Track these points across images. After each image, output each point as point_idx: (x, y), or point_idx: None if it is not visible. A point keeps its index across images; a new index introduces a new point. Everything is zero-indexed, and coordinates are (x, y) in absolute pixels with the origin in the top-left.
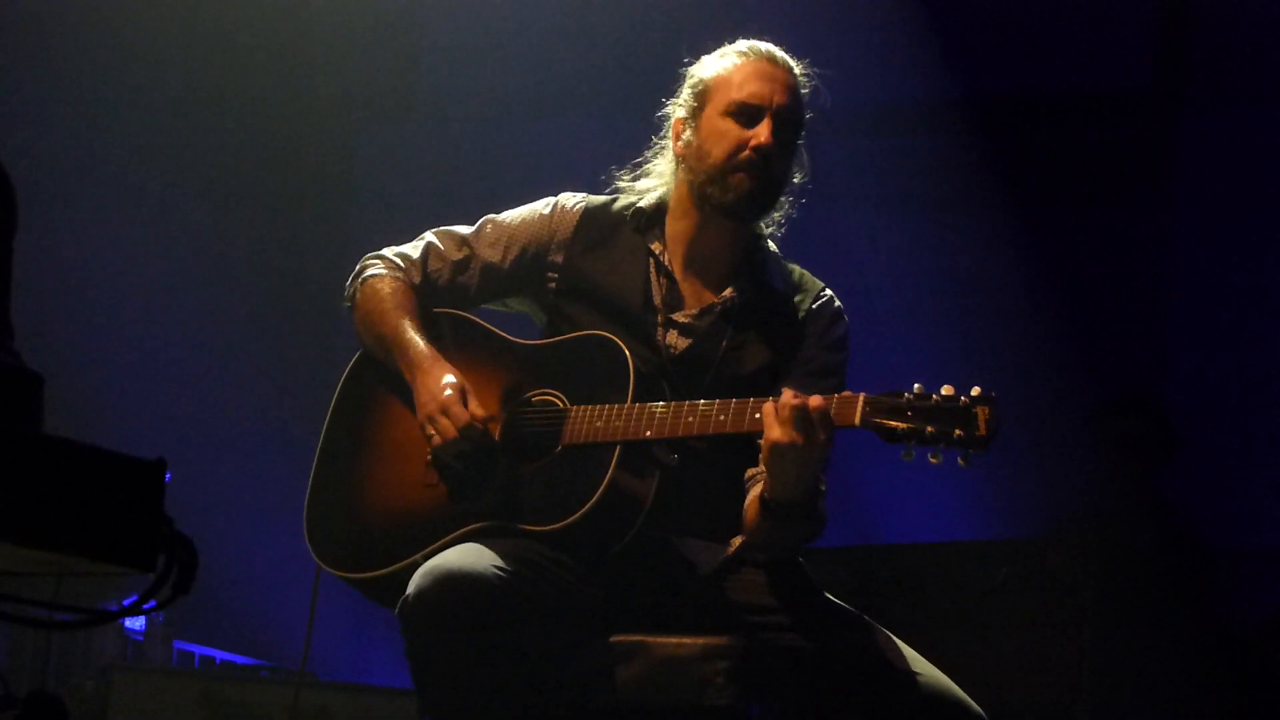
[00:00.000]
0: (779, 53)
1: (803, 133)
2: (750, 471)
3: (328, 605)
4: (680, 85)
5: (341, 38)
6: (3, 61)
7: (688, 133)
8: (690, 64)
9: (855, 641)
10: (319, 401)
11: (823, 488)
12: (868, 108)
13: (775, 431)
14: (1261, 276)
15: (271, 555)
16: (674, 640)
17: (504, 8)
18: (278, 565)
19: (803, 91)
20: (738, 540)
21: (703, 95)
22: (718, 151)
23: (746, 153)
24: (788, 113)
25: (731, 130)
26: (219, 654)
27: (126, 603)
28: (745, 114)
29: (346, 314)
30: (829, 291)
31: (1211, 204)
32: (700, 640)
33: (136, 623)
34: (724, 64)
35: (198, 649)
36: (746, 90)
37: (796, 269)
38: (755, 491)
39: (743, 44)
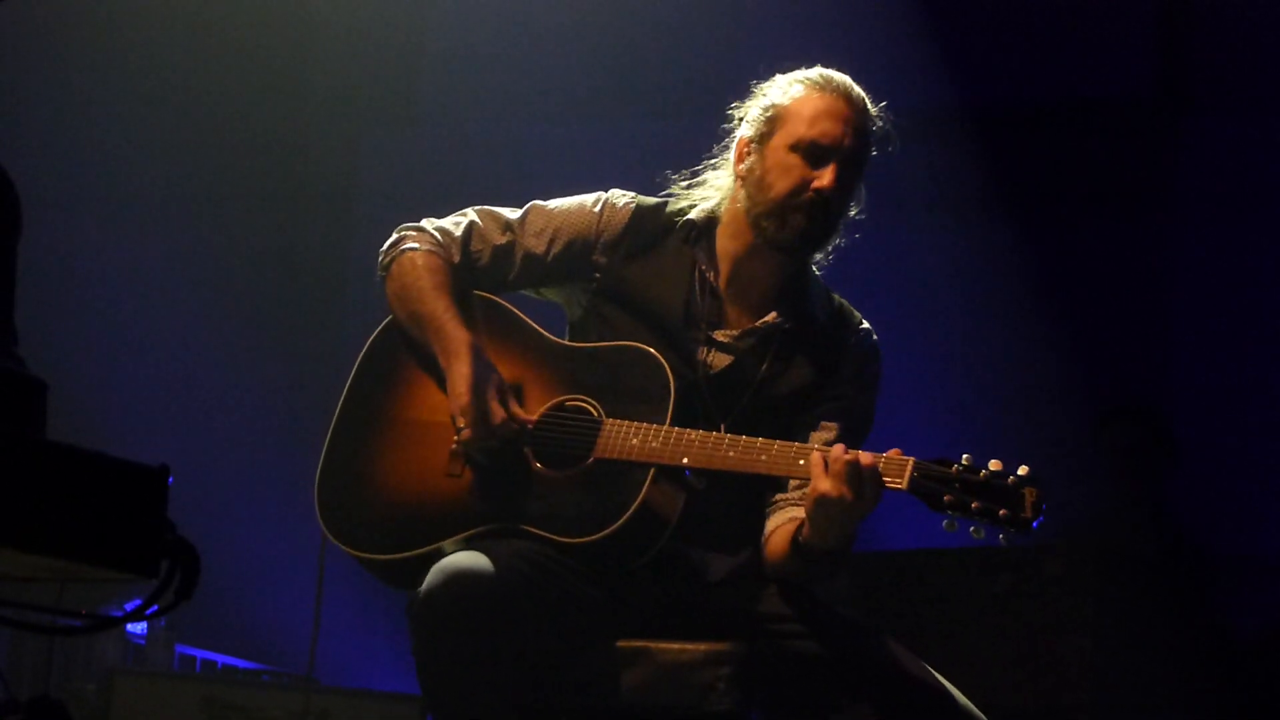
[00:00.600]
0: (855, 90)
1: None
2: (778, 496)
3: (331, 609)
4: (750, 102)
5: (345, 41)
6: (7, 66)
7: (752, 157)
8: (761, 82)
9: (857, 648)
10: (322, 406)
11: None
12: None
13: (824, 484)
14: (1263, 283)
15: (273, 559)
16: (677, 646)
17: (507, 11)
18: (280, 569)
19: (874, 133)
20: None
21: (773, 121)
22: (780, 186)
23: (809, 194)
24: (855, 157)
25: (797, 167)
26: (221, 658)
27: (129, 608)
28: (813, 153)
29: (379, 283)
30: (867, 325)
31: (1214, 210)
32: (703, 646)
33: (138, 627)
34: (798, 94)
35: (199, 653)
36: (818, 128)
37: (837, 298)
38: (781, 520)
39: (820, 72)
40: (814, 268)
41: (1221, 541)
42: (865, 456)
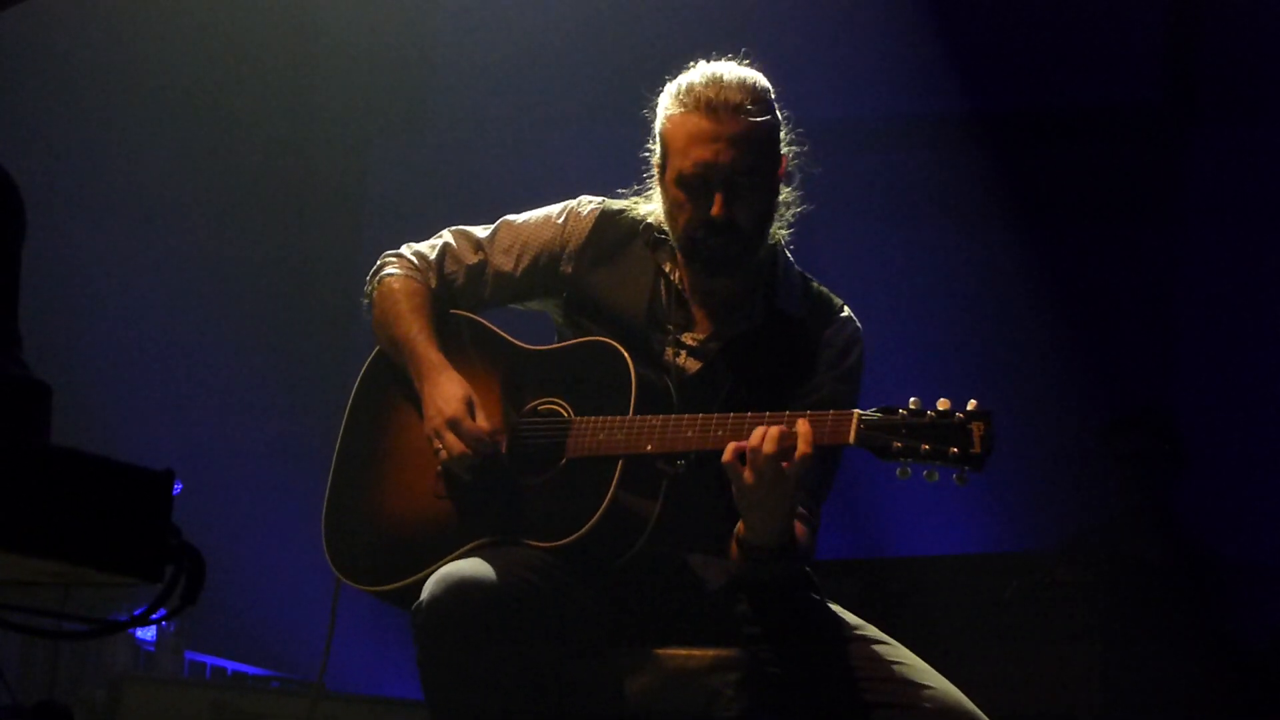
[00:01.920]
0: (724, 94)
1: (779, 156)
2: None
3: (340, 616)
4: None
5: (354, 48)
6: (14, 71)
7: (658, 188)
8: (661, 89)
9: (864, 654)
10: (332, 412)
11: (815, 523)
12: (877, 120)
13: (741, 474)
14: (1270, 290)
15: (283, 565)
16: (683, 652)
17: (516, 18)
18: (289, 576)
19: (765, 122)
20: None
21: (661, 152)
22: (679, 221)
23: (704, 226)
24: (742, 169)
25: (685, 203)
26: (230, 665)
27: (135, 613)
28: (694, 186)
29: (365, 311)
30: (846, 311)
31: (1221, 218)
32: (710, 652)
33: (147, 633)
34: (672, 115)
35: (209, 659)
36: (690, 158)
37: (815, 286)
38: (737, 526)
39: (690, 81)
40: (788, 255)
41: (1230, 548)
42: (767, 443)
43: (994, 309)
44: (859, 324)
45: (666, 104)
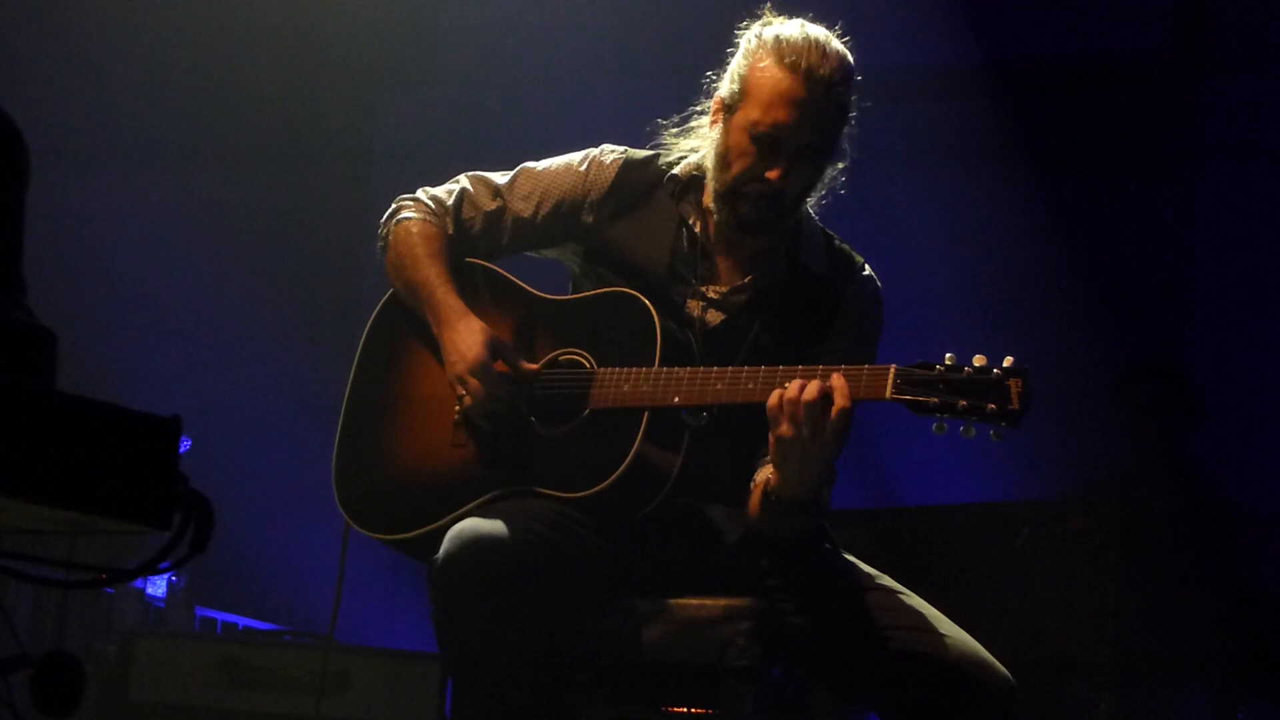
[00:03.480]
0: (823, 67)
1: (842, 133)
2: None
3: (351, 569)
4: (733, 56)
5: (362, 1)
6: (20, 19)
7: (720, 126)
8: (745, 28)
9: (878, 603)
10: (342, 364)
11: (832, 478)
12: (891, 72)
13: (781, 426)
14: None
15: (294, 520)
16: (696, 602)
17: None
18: (300, 530)
19: (843, 107)
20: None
21: (737, 95)
22: (735, 168)
23: (760, 184)
24: (811, 150)
25: (750, 154)
26: (241, 620)
27: (143, 561)
28: (767, 143)
29: (379, 254)
30: (868, 270)
31: (1234, 168)
32: (722, 602)
33: (158, 589)
34: (763, 67)
35: (220, 615)
36: (772, 116)
37: (838, 243)
38: (758, 477)
39: (792, 39)
40: (810, 212)
41: (1242, 497)
42: (810, 389)
43: (1008, 259)
44: (879, 283)
45: (758, 51)
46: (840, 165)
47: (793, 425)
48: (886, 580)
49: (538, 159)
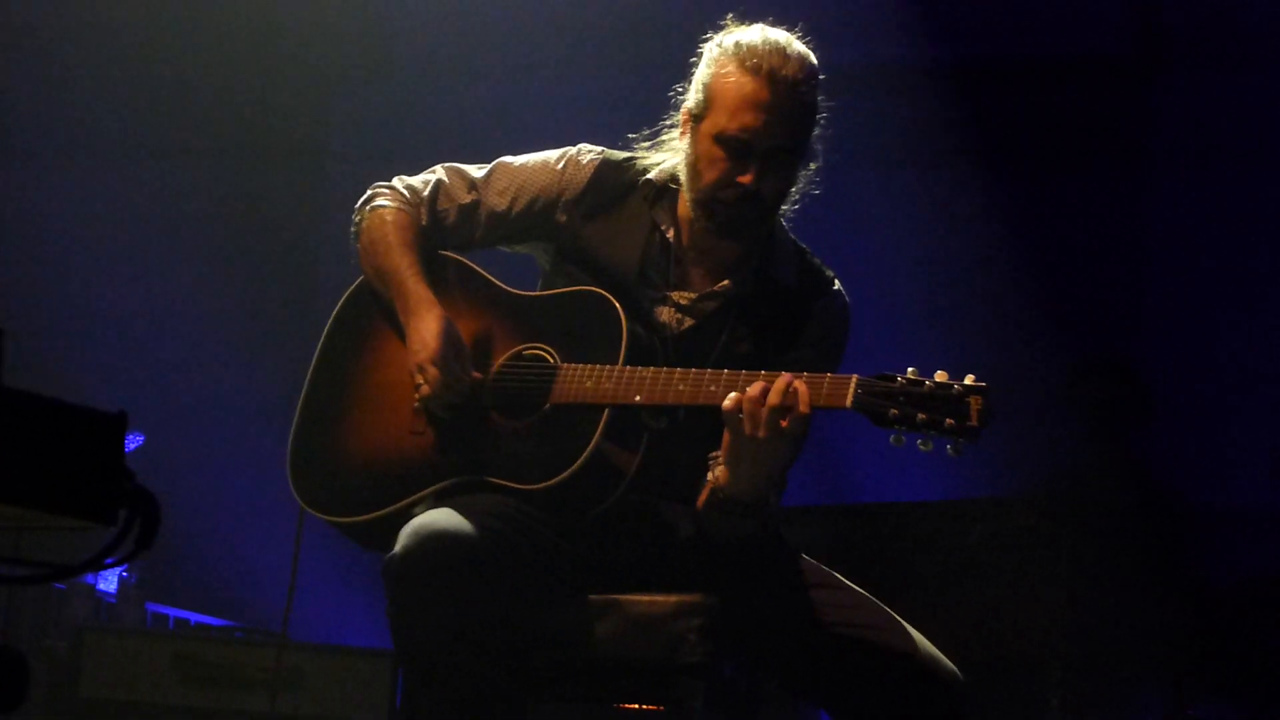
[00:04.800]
0: (785, 68)
1: (811, 137)
2: (716, 454)
3: (304, 566)
4: (697, 63)
5: None
6: None
7: (689, 136)
8: (708, 39)
9: (829, 600)
10: (296, 360)
11: (782, 486)
12: (845, 69)
13: (736, 424)
14: (1237, 238)
15: (245, 516)
16: (648, 598)
17: None
18: (251, 527)
19: (809, 109)
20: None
21: (704, 104)
22: (707, 177)
23: (734, 189)
24: (782, 151)
25: (721, 161)
26: (193, 616)
27: (89, 558)
28: (735, 148)
29: (352, 240)
30: (837, 285)
31: (1188, 167)
32: (673, 598)
33: (109, 585)
34: (726, 73)
35: (172, 611)
36: (738, 121)
37: (810, 256)
38: (712, 472)
39: (752, 44)
40: (783, 222)
41: (1195, 493)
42: (773, 395)
43: (962, 257)
44: (848, 298)
45: (720, 59)
46: (813, 166)
47: (750, 424)
48: (838, 577)
49: (495, 155)
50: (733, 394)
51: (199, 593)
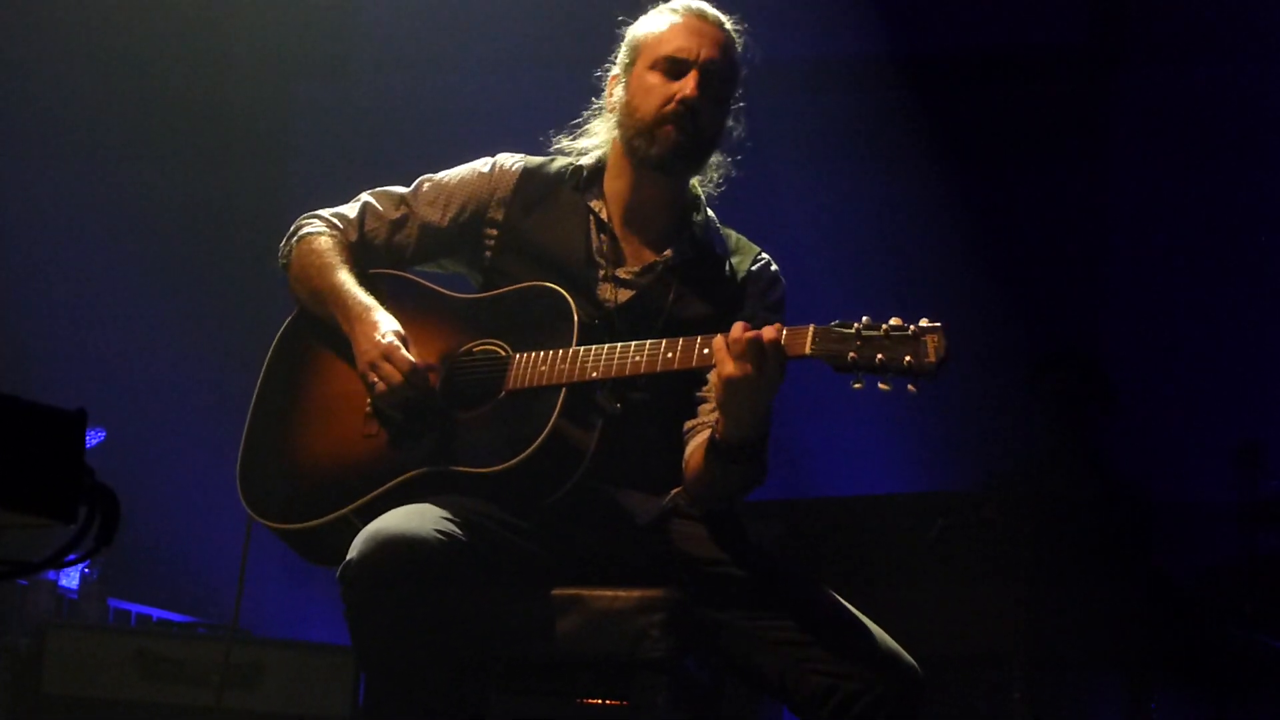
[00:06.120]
0: (710, 9)
1: (737, 90)
2: (690, 423)
3: (263, 562)
4: (618, 45)
5: None
6: None
7: (619, 89)
8: (628, 23)
9: (789, 595)
10: (253, 358)
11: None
12: (803, 62)
13: (729, 366)
14: (1196, 230)
15: (206, 513)
16: (609, 593)
17: None
18: (213, 523)
19: (735, 49)
20: (675, 491)
21: (634, 52)
22: (645, 105)
23: (672, 105)
24: (716, 68)
25: (658, 84)
26: (155, 612)
27: (49, 554)
28: (672, 68)
29: (281, 272)
30: (766, 255)
31: (1147, 159)
32: (635, 593)
33: (71, 581)
34: (656, 21)
35: (133, 607)
36: (673, 45)
37: (733, 234)
38: (698, 440)
39: (677, 2)
40: (707, 207)
41: (1156, 486)
42: (767, 331)
43: (921, 250)
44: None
45: (649, 16)
46: (735, 127)
47: (739, 363)
48: (798, 571)
49: (453, 149)
50: (718, 336)
51: (161, 589)
